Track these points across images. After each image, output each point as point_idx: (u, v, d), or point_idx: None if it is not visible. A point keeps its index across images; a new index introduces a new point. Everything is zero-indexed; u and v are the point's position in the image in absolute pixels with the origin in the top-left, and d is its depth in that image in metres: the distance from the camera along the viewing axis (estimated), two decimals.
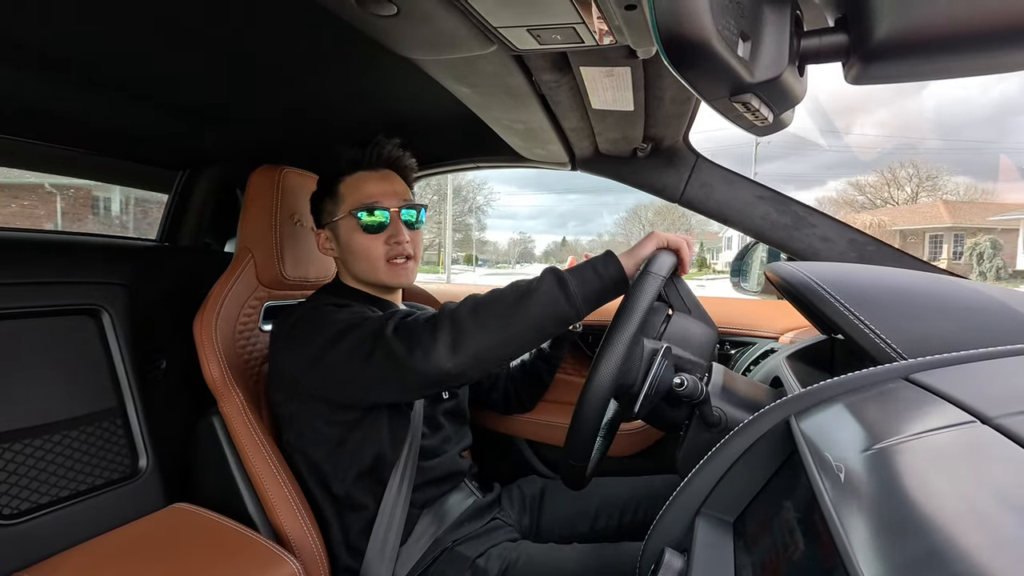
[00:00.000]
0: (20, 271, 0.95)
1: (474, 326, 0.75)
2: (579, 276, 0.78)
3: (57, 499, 0.90)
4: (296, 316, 0.92)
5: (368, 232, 0.96)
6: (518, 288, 0.77)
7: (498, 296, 0.77)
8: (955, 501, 0.31)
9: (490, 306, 0.76)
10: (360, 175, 0.98)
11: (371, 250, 0.96)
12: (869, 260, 1.03)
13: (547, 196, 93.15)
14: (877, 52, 0.33)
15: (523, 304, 0.75)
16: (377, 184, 0.98)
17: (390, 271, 0.97)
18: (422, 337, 0.76)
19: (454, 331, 0.75)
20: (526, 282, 0.78)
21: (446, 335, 0.75)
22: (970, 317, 0.57)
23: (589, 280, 0.78)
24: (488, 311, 0.76)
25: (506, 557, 0.90)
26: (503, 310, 0.75)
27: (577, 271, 0.79)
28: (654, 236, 0.82)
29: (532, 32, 0.63)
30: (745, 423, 0.54)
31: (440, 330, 0.75)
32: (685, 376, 0.69)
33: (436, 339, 0.75)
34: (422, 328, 0.77)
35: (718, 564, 0.52)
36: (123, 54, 0.80)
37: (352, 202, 0.96)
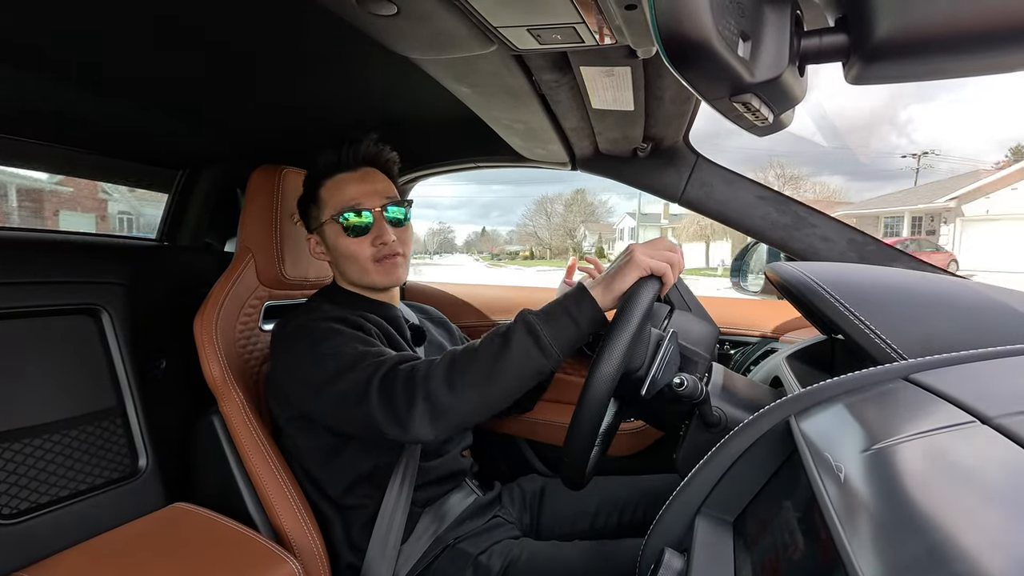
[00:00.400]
0: (20, 271, 0.95)
1: (451, 397, 0.72)
2: (553, 324, 0.73)
3: (57, 499, 0.90)
4: (293, 327, 0.89)
5: (352, 235, 0.94)
6: (491, 347, 0.73)
7: (471, 359, 0.73)
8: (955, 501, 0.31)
9: (465, 374, 0.72)
10: (339, 177, 0.96)
11: (358, 253, 0.95)
12: (869, 260, 1.03)
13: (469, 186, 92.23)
14: (877, 52, 0.33)
15: (498, 366, 0.72)
16: (357, 185, 0.95)
17: (380, 271, 0.96)
18: (400, 410, 0.73)
19: (430, 405, 0.72)
20: (499, 338, 0.73)
21: (422, 410, 0.72)
22: (970, 317, 0.57)
23: (564, 327, 0.73)
24: (464, 380, 0.72)
25: (508, 554, 0.90)
26: (479, 377, 0.72)
27: (550, 317, 0.74)
28: (634, 263, 0.74)
29: (532, 32, 0.63)
30: (745, 423, 0.54)
31: (415, 405, 0.72)
32: (685, 376, 0.69)
33: (412, 414, 0.73)
34: (401, 395, 0.74)
35: (718, 564, 0.52)
36: (123, 54, 0.80)
37: (334, 206, 0.94)
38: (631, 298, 0.71)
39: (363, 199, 0.94)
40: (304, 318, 0.89)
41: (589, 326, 0.74)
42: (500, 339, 0.73)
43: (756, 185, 1.11)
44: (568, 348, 0.74)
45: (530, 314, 0.75)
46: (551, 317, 0.74)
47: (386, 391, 0.75)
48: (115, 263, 1.09)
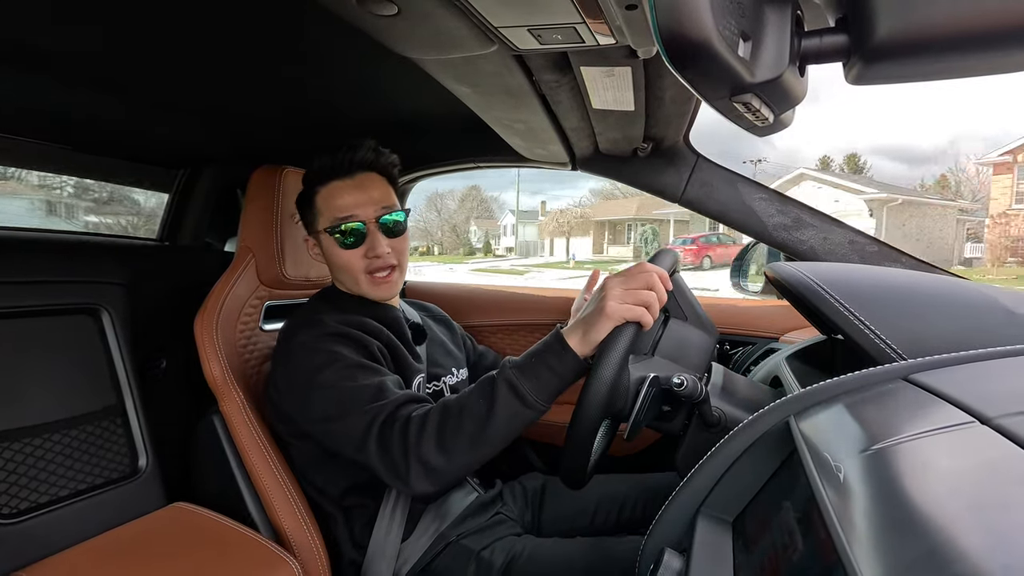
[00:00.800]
0: (20, 270, 0.95)
1: (443, 460, 0.74)
2: (534, 380, 0.74)
3: (57, 498, 0.90)
4: (295, 344, 0.88)
5: (345, 248, 0.93)
6: (478, 410, 0.74)
7: (460, 423, 0.74)
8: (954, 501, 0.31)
9: (456, 438, 0.74)
10: (334, 185, 0.94)
11: (350, 264, 0.94)
12: (869, 260, 1.04)
13: None
14: (878, 52, 0.33)
15: (486, 428, 0.73)
16: (352, 194, 0.92)
17: (371, 285, 0.95)
18: (399, 469, 0.75)
19: (424, 468, 0.74)
20: (484, 401, 0.74)
21: (418, 471, 0.74)
22: (970, 317, 0.57)
23: (547, 381, 0.74)
24: (454, 443, 0.74)
25: (510, 550, 0.91)
26: (468, 439, 0.74)
27: (531, 372, 0.74)
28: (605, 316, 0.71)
29: (533, 32, 0.63)
30: (745, 423, 0.54)
31: (411, 467, 0.74)
32: (685, 376, 0.69)
33: (410, 474, 0.74)
34: (397, 452, 0.75)
35: (717, 564, 0.52)
36: (123, 53, 0.80)
37: (328, 217, 0.93)
38: (604, 350, 0.70)
39: (357, 209, 0.92)
40: (304, 335, 0.88)
41: (572, 375, 0.75)
42: (485, 402, 0.74)
43: (757, 185, 1.11)
44: (552, 397, 0.75)
45: (511, 369, 0.75)
46: (532, 372, 0.74)
47: (383, 446, 0.76)
48: (115, 263, 1.09)
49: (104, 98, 0.96)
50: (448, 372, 1.08)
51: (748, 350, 1.27)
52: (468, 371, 1.17)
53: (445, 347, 1.13)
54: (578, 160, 1.24)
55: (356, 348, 0.87)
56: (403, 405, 0.79)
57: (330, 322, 0.89)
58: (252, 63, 0.87)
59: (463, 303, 1.62)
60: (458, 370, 1.11)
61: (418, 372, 0.97)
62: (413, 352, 0.99)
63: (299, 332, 0.89)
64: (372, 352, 0.89)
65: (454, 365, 1.10)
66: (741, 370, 1.19)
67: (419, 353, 1.02)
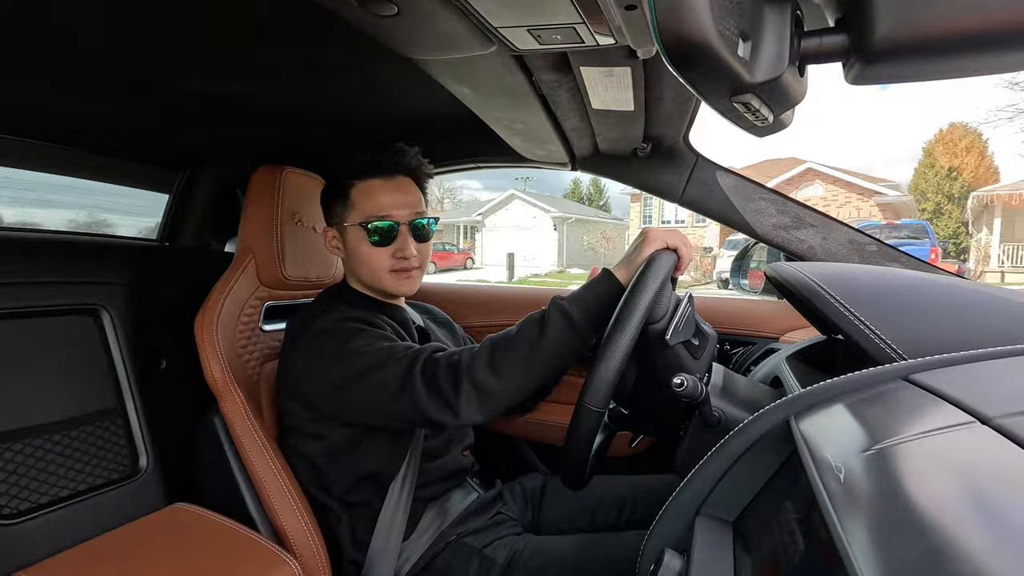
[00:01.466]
0: (20, 271, 0.95)
1: (496, 381, 0.77)
2: (582, 304, 0.79)
3: (57, 499, 0.90)
4: (315, 330, 0.89)
5: (376, 245, 0.95)
6: (529, 333, 0.78)
7: (512, 346, 0.78)
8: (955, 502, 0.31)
9: (507, 359, 0.77)
10: (373, 183, 0.96)
11: (376, 262, 0.95)
12: (869, 260, 1.04)
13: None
14: (877, 53, 0.33)
15: (537, 350, 0.77)
16: (390, 195, 0.95)
17: (394, 280, 0.97)
18: (448, 396, 0.77)
19: (477, 391, 0.77)
20: (536, 324, 0.79)
21: (470, 395, 0.77)
22: (970, 317, 0.57)
23: (591, 304, 0.79)
24: (507, 365, 0.77)
25: (512, 547, 0.91)
26: (520, 361, 0.77)
27: (578, 298, 0.80)
28: (649, 240, 0.81)
29: (532, 32, 0.63)
30: (745, 423, 0.54)
31: (461, 391, 0.77)
32: (685, 376, 0.69)
33: (460, 399, 0.77)
34: (445, 382, 0.78)
35: (718, 564, 0.52)
36: (123, 53, 0.80)
37: (362, 212, 0.95)
38: (650, 263, 0.76)
39: (393, 210, 0.95)
40: (324, 321, 0.89)
41: (611, 299, 0.78)
42: (537, 325, 0.78)
43: (756, 185, 1.11)
44: (597, 325, 0.79)
45: (561, 299, 0.80)
46: (580, 298, 0.80)
47: (430, 379, 0.79)
48: (116, 263, 1.09)
49: (104, 98, 0.96)
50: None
51: (748, 350, 1.27)
52: None
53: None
54: (578, 160, 1.24)
55: (375, 328, 0.89)
56: (439, 350, 0.83)
57: (342, 310, 0.91)
58: (252, 62, 0.87)
59: (463, 303, 1.62)
60: None
61: None
62: None
63: (316, 320, 0.91)
64: (393, 337, 0.90)
65: None
66: (741, 370, 1.19)
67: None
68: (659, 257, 0.77)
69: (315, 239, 1.13)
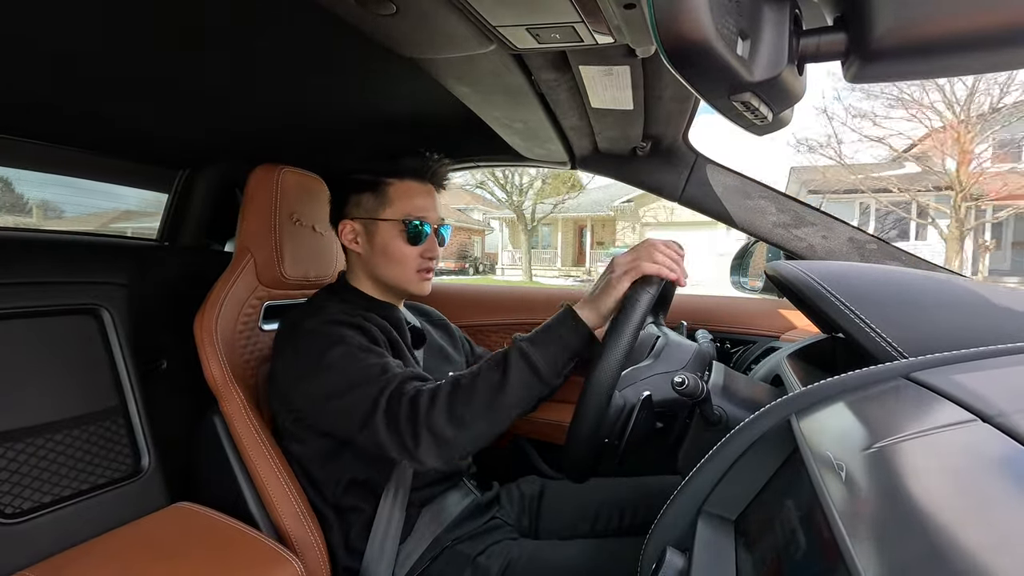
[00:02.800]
0: (21, 271, 0.95)
1: (455, 431, 0.74)
2: (544, 350, 0.75)
3: (60, 498, 0.90)
4: (300, 332, 0.90)
5: (410, 243, 0.97)
6: (490, 380, 0.75)
7: (472, 393, 0.75)
8: (956, 500, 0.31)
9: (468, 408, 0.74)
10: (411, 184, 0.99)
11: (408, 259, 0.98)
12: (869, 258, 1.03)
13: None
14: (876, 51, 0.33)
15: (498, 398, 0.74)
16: (425, 198, 1.00)
17: (419, 281, 1.00)
18: (406, 441, 0.75)
19: (435, 439, 0.74)
20: (497, 371, 0.75)
21: (428, 443, 0.75)
22: (971, 316, 0.57)
23: (556, 351, 0.75)
24: (467, 414, 0.74)
25: (507, 555, 0.90)
26: (481, 410, 0.74)
27: (541, 343, 0.75)
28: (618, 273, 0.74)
29: (531, 31, 0.63)
30: (746, 422, 0.54)
31: (420, 437, 0.75)
32: (686, 375, 0.69)
33: (418, 447, 0.75)
34: (405, 425, 0.76)
35: (720, 563, 0.52)
36: (122, 52, 0.80)
37: (402, 209, 0.97)
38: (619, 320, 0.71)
39: (428, 212, 0.99)
40: (310, 322, 0.90)
41: (582, 347, 0.76)
42: (498, 372, 0.75)
43: (756, 184, 1.11)
44: (563, 371, 0.76)
45: (523, 342, 0.76)
46: (543, 343, 0.76)
47: (391, 418, 0.77)
48: (116, 263, 1.09)
49: (103, 97, 0.96)
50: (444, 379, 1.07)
51: (749, 349, 1.27)
52: None
53: (443, 352, 1.12)
54: (577, 159, 1.24)
55: (361, 333, 0.89)
56: (409, 380, 0.80)
57: (335, 311, 0.91)
58: (252, 62, 0.87)
59: (461, 302, 1.62)
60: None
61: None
62: (413, 356, 1.00)
63: (304, 319, 0.91)
64: (376, 339, 0.90)
65: (451, 370, 1.10)
66: (742, 369, 1.19)
67: (417, 358, 1.02)
68: (633, 304, 0.70)
69: (314, 238, 1.13)
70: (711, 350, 0.93)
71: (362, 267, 1.02)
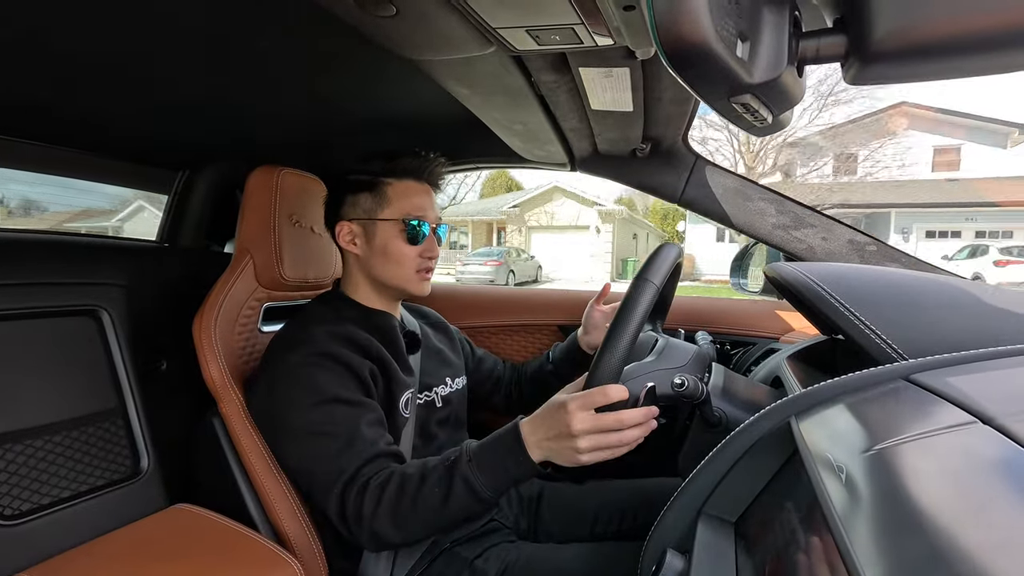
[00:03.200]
0: (20, 272, 0.95)
1: (395, 535, 0.78)
2: (490, 474, 0.75)
3: (59, 499, 0.90)
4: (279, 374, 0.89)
5: (410, 242, 0.97)
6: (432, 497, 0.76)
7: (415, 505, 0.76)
8: (956, 501, 0.31)
9: (408, 518, 0.76)
10: (410, 184, 0.99)
11: (407, 258, 0.98)
12: (869, 260, 1.03)
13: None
14: (876, 53, 0.33)
15: (439, 516, 0.76)
16: (423, 198, 1.00)
17: (419, 281, 1.00)
18: (352, 528, 0.79)
19: (377, 539, 0.78)
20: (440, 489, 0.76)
21: (371, 539, 0.79)
22: (971, 318, 0.57)
23: (501, 479, 0.75)
24: (408, 523, 0.77)
25: (505, 558, 0.89)
26: (421, 522, 0.77)
27: (488, 469, 0.75)
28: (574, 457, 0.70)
29: (531, 33, 0.63)
30: (746, 424, 0.54)
31: (363, 531, 0.78)
32: (686, 377, 0.69)
33: (361, 537, 0.79)
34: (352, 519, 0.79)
35: (720, 565, 0.52)
36: (122, 53, 0.80)
37: (401, 209, 0.97)
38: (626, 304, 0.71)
39: (427, 212, 0.99)
40: (292, 356, 0.89)
41: (526, 479, 0.76)
42: (441, 491, 0.76)
43: (755, 185, 1.11)
44: (505, 491, 0.77)
45: (468, 464, 0.76)
46: (490, 468, 0.75)
47: (341, 506, 0.80)
48: (115, 264, 1.09)
49: (103, 98, 0.96)
50: (441, 383, 1.07)
51: (748, 350, 1.27)
52: (467, 378, 1.16)
53: (442, 356, 1.12)
54: (577, 161, 1.24)
55: (340, 376, 0.87)
56: (367, 464, 0.81)
57: (320, 337, 0.89)
58: (251, 64, 0.87)
59: (462, 304, 1.62)
60: (453, 379, 1.10)
61: (407, 387, 0.97)
62: (405, 365, 0.99)
63: (286, 352, 0.90)
64: (358, 376, 0.88)
65: (449, 375, 1.10)
66: (742, 370, 1.19)
67: (411, 364, 1.01)
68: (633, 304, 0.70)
69: (313, 240, 1.13)
70: (711, 352, 0.93)
71: (360, 269, 1.01)
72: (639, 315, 0.70)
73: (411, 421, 0.97)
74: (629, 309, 0.70)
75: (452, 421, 1.08)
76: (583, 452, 0.69)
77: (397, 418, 0.94)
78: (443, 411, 1.05)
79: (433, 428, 1.02)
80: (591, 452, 0.69)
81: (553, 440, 0.71)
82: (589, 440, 0.69)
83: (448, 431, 1.06)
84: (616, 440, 0.69)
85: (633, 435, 0.70)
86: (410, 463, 0.82)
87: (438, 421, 1.04)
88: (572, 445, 0.69)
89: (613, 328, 0.70)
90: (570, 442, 0.69)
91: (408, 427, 0.96)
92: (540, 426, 0.73)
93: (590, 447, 0.69)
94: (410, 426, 0.97)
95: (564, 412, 0.70)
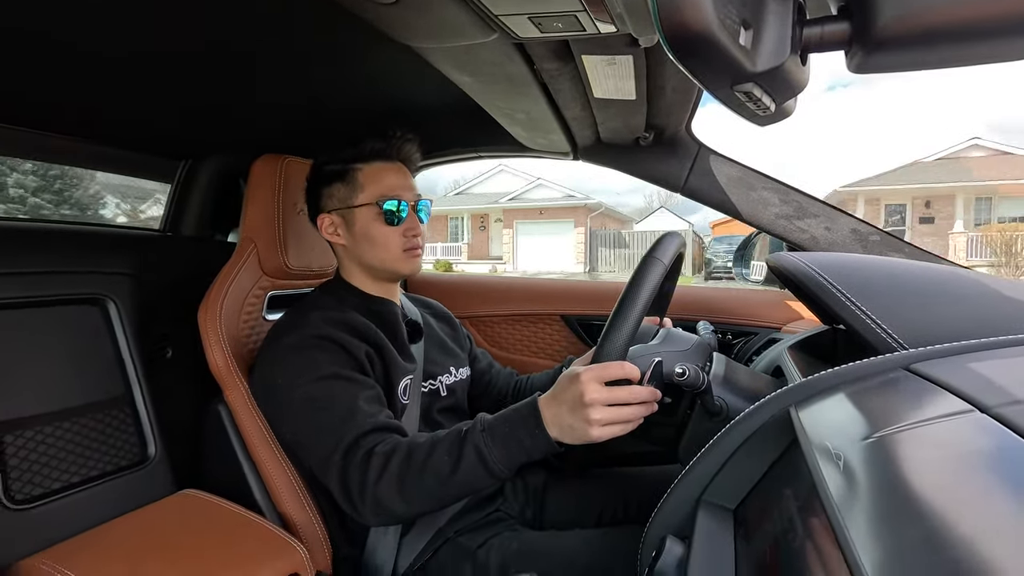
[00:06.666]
0: (26, 261, 0.96)
1: (400, 505, 0.76)
2: (502, 447, 0.73)
3: (68, 484, 0.92)
4: (279, 354, 0.90)
5: (389, 224, 0.96)
6: (441, 466, 0.74)
7: (422, 474, 0.74)
8: (953, 489, 0.31)
9: (415, 487, 0.75)
10: (380, 165, 0.98)
11: (390, 240, 0.97)
12: (871, 250, 1.03)
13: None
14: (880, 41, 0.33)
15: (446, 486, 0.74)
16: (396, 177, 0.99)
17: (406, 260, 0.99)
18: (353, 498, 0.78)
19: (379, 506, 0.76)
20: (449, 458, 0.74)
21: (373, 508, 0.77)
22: (971, 307, 0.57)
23: (514, 452, 0.73)
24: (413, 492, 0.75)
25: (507, 547, 0.90)
26: (427, 492, 0.75)
27: (500, 440, 0.73)
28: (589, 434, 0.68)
29: (533, 20, 0.63)
30: (746, 412, 0.55)
31: (365, 501, 0.76)
32: (687, 366, 0.69)
33: (364, 508, 0.77)
34: (354, 484, 0.77)
35: (719, 551, 0.53)
36: (124, 42, 0.80)
37: (374, 192, 0.96)
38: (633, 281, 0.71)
39: (402, 191, 0.97)
40: (290, 337, 0.89)
41: (542, 456, 0.74)
42: (450, 460, 0.74)
43: (759, 175, 1.11)
44: (515, 468, 0.75)
45: (482, 432, 0.74)
46: (502, 441, 0.73)
47: (343, 475, 0.79)
48: (120, 253, 1.10)
49: (105, 87, 0.96)
50: (446, 371, 1.07)
51: (750, 340, 1.27)
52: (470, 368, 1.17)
53: (445, 345, 1.12)
54: (580, 150, 1.23)
55: (337, 355, 0.87)
56: (369, 434, 0.80)
57: (317, 321, 0.90)
58: (254, 52, 0.87)
59: (466, 293, 1.62)
60: (457, 369, 1.10)
61: (407, 373, 0.97)
62: (405, 352, 0.99)
63: (285, 333, 0.91)
64: (355, 358, 0.89)
65: (453, 364, 1.10)
66: (743, 360, 1.19)
67: (413, 353, 1.01)
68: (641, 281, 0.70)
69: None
70: (712, 341, 0.94)
71: (349, 258, 1.01)
72: (647, 292, 0.69)
73: (415, 408, 0.98)
74: (637, 285, 0.70)
75: (455, 410, 1.08)
76: (594, 424, 0.68)
77: (396, 403, 0.94)
78: (447, 399, 1.06)
79: (436, 416, 1.03)
80: (603, 426, 0.68)
81: (567, 412, 0.70)
82: (602, 412, 0.68)
83: (452, 420, 1.06)
84: (628, 414, 0.69)
85: (640, 411, 0.70)
86: (419, 434, 0.81)
87: (441, 410, 1.04)
88: (585, 416, 0.68)
89: (620, 305, 0.69)
90: (583, 412, 0.68)
91: (412, 415, 0.97)
92: (554, 399, 0.72)
93: (602, 419, 0.68)
94: (414, 414, 0.98)
95: (578, 382, 0.69)
